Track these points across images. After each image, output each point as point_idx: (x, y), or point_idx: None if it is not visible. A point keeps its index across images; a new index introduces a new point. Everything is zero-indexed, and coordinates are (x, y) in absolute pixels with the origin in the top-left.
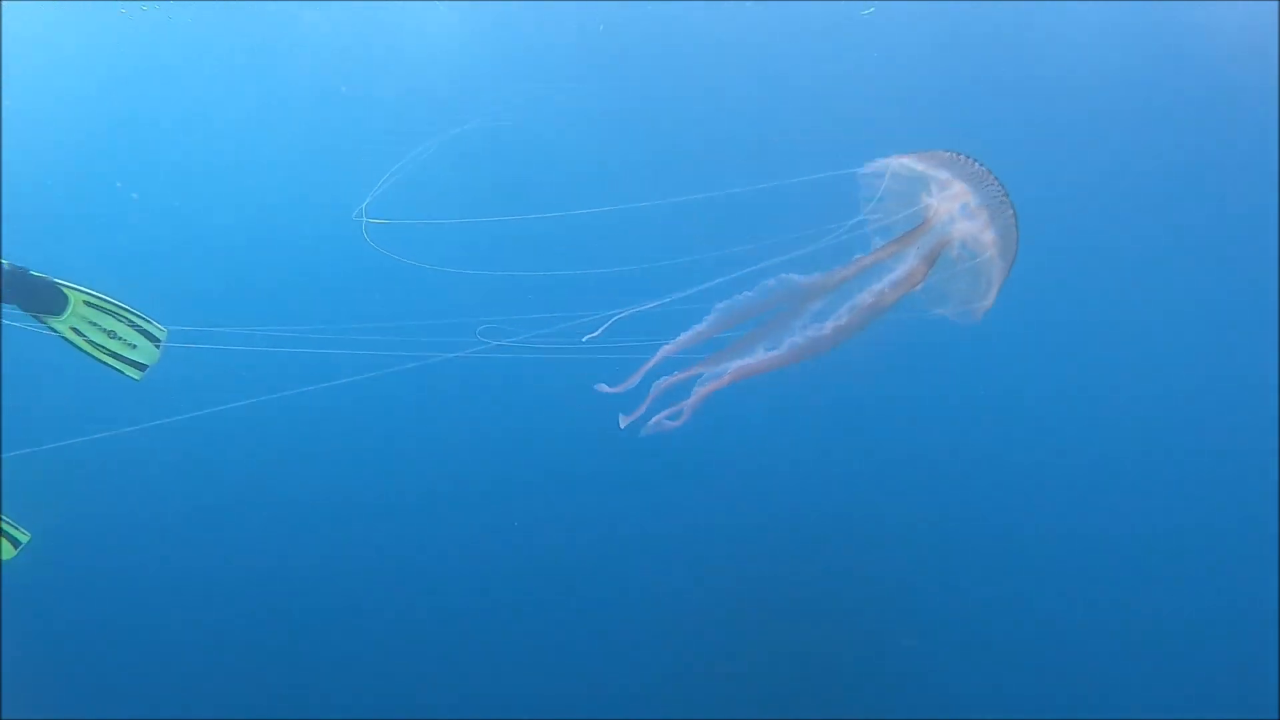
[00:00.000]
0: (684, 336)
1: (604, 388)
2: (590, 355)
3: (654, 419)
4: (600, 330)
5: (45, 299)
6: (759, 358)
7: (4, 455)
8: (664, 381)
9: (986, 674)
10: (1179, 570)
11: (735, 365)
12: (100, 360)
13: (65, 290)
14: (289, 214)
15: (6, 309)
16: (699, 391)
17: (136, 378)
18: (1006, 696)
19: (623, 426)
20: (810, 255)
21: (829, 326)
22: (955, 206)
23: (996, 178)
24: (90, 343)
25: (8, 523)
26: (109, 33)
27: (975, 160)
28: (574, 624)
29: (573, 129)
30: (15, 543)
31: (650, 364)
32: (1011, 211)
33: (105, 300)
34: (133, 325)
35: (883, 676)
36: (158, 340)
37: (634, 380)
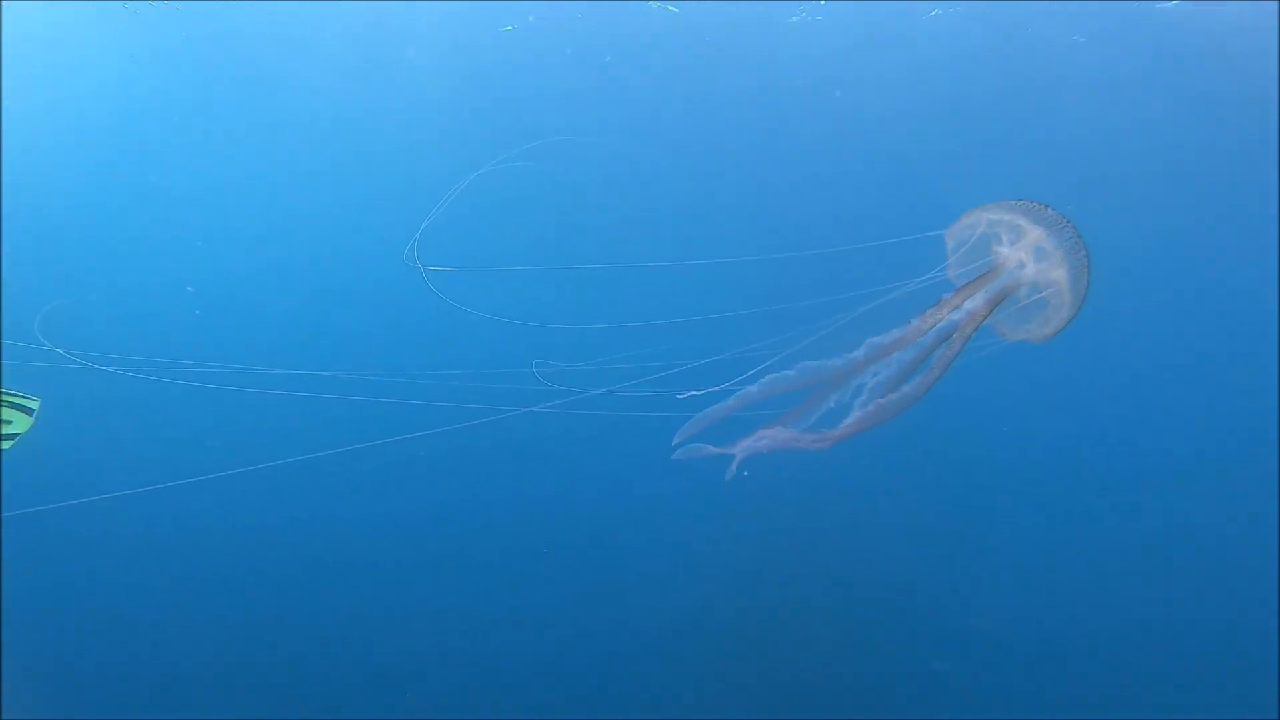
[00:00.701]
0: (766, 382)
1: (709, 449)
2: (652, 412)
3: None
4: (704, 391)
5: None
6: (845, 424)
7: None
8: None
9: (990, 674)
10: (1180, 572)
11: (808, 431)
12: None
13: None
14: (342, 257)
15: None
16: (753, 444)
17: (8, 446)
18: (1010, 696)
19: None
20: (881, 309)
21: (908, 388)
22: (1028, 251)
23: (1071, 223)
24: None
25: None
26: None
27: (1050, 207)
28: (593, 638)
29: (642, 176)
30: (29, 411)
31: (720, 412)
32: (1085, 254)
33: None
34: (6, 404)
35: (890, 681)
36: (31, 410)
37: (733, 449)
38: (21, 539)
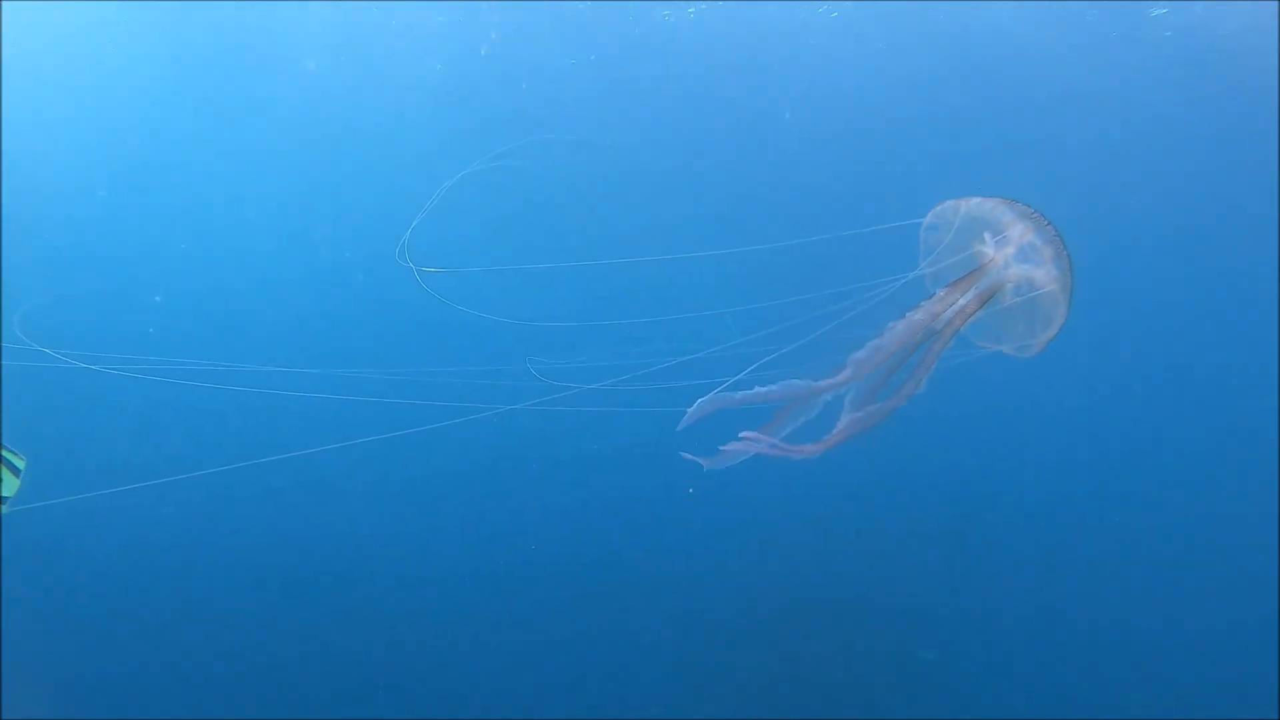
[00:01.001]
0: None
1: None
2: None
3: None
4: (692, 417)
5: None
6: (837, 430)
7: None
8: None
9: (990, 675)
10: (1180, 572)
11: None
12: None
13: None
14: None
15: None
16: (739, 449)
17: (6, 511)
18: (1008, 697)
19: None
20: (867, 308)
21: (900, 388)
22: (1013, 249)
23: (1050, 221)
24: None
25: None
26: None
27: (1029, 205)
28: (598, 634)
29: (622, 175)
30: (15, 470)
31: (705, 407)
32: (1066, 251)
33: None
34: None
35: (892, 681)
36: (18, 470)
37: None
38: (20, 540)
